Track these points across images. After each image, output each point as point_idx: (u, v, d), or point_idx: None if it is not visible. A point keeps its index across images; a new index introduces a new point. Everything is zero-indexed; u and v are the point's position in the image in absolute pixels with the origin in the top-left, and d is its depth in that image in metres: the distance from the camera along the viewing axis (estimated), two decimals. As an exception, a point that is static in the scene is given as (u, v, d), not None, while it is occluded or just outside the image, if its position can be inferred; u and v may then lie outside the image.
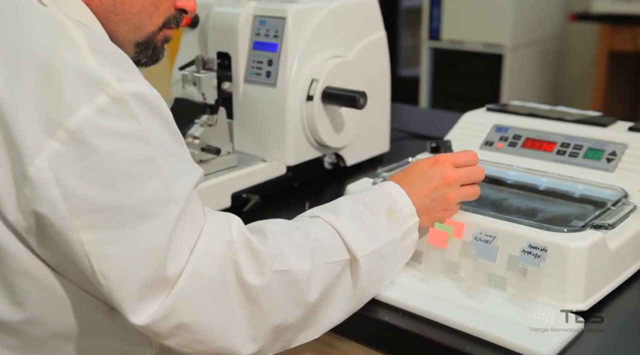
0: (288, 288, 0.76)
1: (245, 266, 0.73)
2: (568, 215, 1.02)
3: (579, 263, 0.86)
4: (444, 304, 0.88)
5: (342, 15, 1.32)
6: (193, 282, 0.69)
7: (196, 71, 1.26)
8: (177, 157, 0.71)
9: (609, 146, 1.12)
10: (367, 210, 0.87)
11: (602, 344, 0.83)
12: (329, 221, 0.83)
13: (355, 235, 0.83)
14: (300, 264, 0.77)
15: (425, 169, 0.93)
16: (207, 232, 0.72)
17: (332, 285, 0.80)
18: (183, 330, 0.70)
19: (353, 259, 0.82)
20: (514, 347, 0.79)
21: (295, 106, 1.25)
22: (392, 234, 0.87)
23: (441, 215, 0.92)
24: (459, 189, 0.93)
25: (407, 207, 0.89)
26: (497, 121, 1.26)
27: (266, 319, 0.75)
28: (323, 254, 0.80)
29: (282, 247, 0.77)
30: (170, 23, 0.86)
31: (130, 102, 0.67)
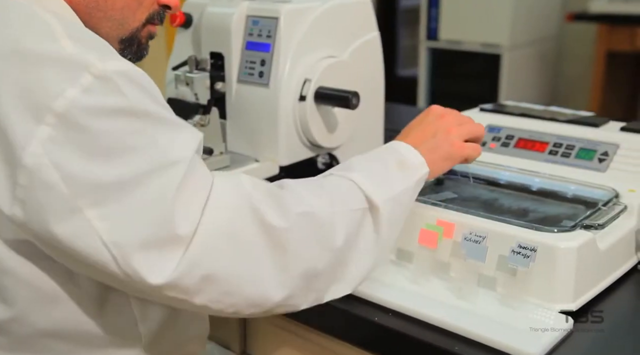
0: (314, 231, 0.77)
1: (268, 210, 0.73)
2: (559, 215, 1.02)
3: (569, 263, 0.86)
4: (434, 304, 0.88)
5: (336, 15, 1.32)
6: (212, 233, 0.70)
7: (189, 71, 1.26)
8: (169, 124, 0.72)
9: (601, 146, 1.12)
10: (379, 163, 0.88)
11: (591, 344, 0.83)
12: (343, 175, 0.85)
13: (372, 183, 0.84)
14: (322, 208, 0.78)
15: (421, 118, 0.97)
16: (218, 187, 0.72)
17: (355, 232, 0.81)
18: (210, 282, 0.70)
19: (373, 207, 0.83)
20: (502, 347, 0.79)
21: (288, 106, 1.25)
22: (405, 182, 0.88)
23: (449, 148, 0.93)
24: (459, 127, 0.95)
25: (416, 157, 0.90)
26: (490, 121, 1.26)
27: (294, 262, 0.75)
28: (343, 202, 0.81)
29: (302, 193, 0.79)
30: (154, 19, 0.86)
31: (116, 79, 0.68)
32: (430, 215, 0.96)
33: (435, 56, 4.16)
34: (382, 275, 0.95)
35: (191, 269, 0.69)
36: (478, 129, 0.98)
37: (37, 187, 0.66)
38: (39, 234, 0.68)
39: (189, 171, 0.70)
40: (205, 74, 1.26)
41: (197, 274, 0.69)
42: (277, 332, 1.04)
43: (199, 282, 0.70)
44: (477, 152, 0.97)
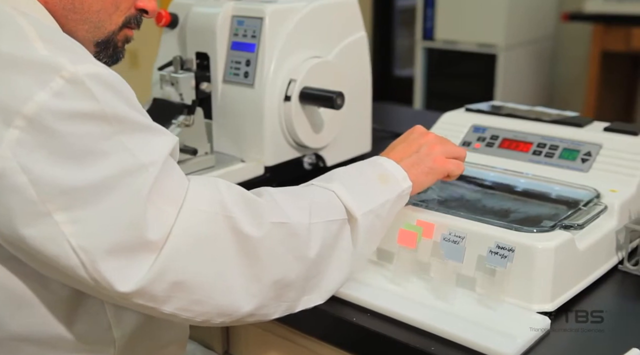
0: (287, 241, 0.77)
1: (242, 218, 0.73)
2: (540, 215, 1.02)
3: (546, 263, 0.86)
4: (413, 304, 0.88)
5: (322, 15, 1.32)
6: (183, 240, 0.70)
7: (174, 71, 1.27)
8: (142, 128, 0.71)
9: (584, 146, 1.12)
10: (360, 175, 0.89)
11: (567, 345, 0.83)
12: (324, 185, 0.86)
13: (351, 195, 0.85)
14: (298, 218, 0.78)
15: (405, 137, 0.98)
16: (193, 193, 0.72)
17: (331, 244, 0.81)
18: (179, 290, 0.70)
19: (351, 219, 0.84)
20: (478, 348, 0.79)
21: (273, 107, 1.25)
22: (386, 196, 0.88)
23: (432, 163, 0.94)
24: (442, 145, 0.96)
25: (398, 172, 0.91)
26: (476, 121, 1.26)
27: (266, 272, 0.75)
28: (321, 212, 0.81)
29: (279, 202, 0.78)
30: (131, 23, 0.86)
31: (87, 83, 0.67)
32: (411, 215, 0.96)
33: (432, 56, 4.16)
34: (362, 275, 0.95)
35: (161, 276, 0.69)
36: (461, 151, 0.99)
37: (5, 191, 0.66)
38: (8, 238, 0.68)
39: (161, 175, 0.70)
40: (191, 74, 1.27)
41: (166, 281, 0.69)
42: (259, 333, 1.04)
43: (168, 290, 0.69)
44: (459, 168, 0.97)
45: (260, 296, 0.76)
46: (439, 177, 0.96)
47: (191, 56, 1.30)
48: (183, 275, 0.70)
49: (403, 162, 0.93)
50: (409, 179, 0.91)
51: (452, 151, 0.97)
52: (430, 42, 4.08)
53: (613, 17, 3.44)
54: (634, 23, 3.37)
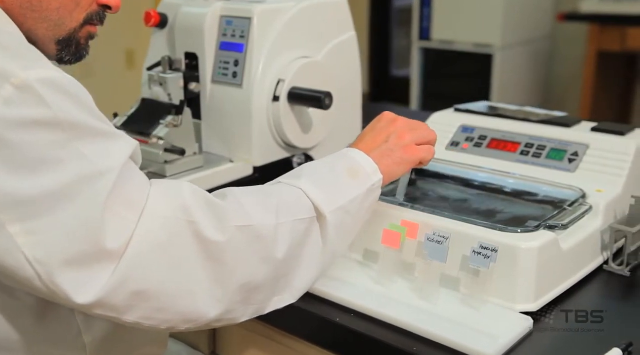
0: (253, 244, 0.75)
1: (204, 223, 0.72)
2: (526, 216, 1.02)
3: (530, 264, 0.86)
4: (396, 304, 0.88)
5: (311, 15, 1.32)
6: (144, 248, 0.68)
7: (162, 72, 1.27)
8: (98, 134, 0.69)
9: (571, 147, 1.12)
10: (330, 171, 0.87)
11: (549, 345, 0.83)
12: (292, 183, 0.84)
13: (320, 192, 0.83)
14: (264, 219, 0.77)
15: (373, 125, 0.96)
16: (154, 198, 0.71)
17: (300, 243, 0.80)
18: (141, 299, 0.69)
19: (320, 216, 0.82)
20: (459, 348, 0.79)
21: (262, 107, 1.25)
22: (356, 191, 0.86)
23: (402, 153, 0.92)
24: (412, 131, 0.94)
25: (368, 164, 0.89)
26: (464, 122, 1.26)
27: (231, 277, 0.73)
28: (288, 211, 0.79)
29: (244, 204, 0.77)
30: (93, 19, 0.84)
31: (38, 89, 0.66)
32: (395, 216, 0.96)
33: (428, 56, 4.16)
34: (347, 275, 0.95)
35: (121, 286, 0.67)
36: (430, 134, 0.96)
37: None
38: None
39: (120, 181, 0.68)
40: (179, 74, 1.27)
41: (127, 291, 0.68)
42: (246, 333, 1.04)
43: (128, 299, 0.68)
44: (431, 154, 0.95)
45: (227, 301, 0.74)
46: (411, 167, 0.94)
47: (180, 56, 1.31)
48: (144, 284, 0.68)
49: (373, 153, 0.91)
50: (380, 171, 0.89)
51: (422, 136, 0.95)
52: (427, 42, 4.08)
53: (609, 17, 3.44)
54: (629, 23, 3.38)
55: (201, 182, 1.21)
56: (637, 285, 0.95)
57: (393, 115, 0.97)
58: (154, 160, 1.20)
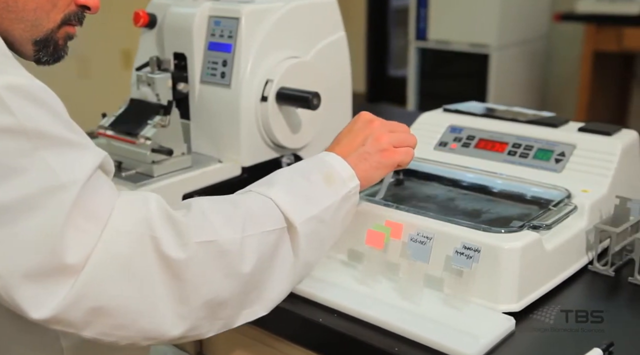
0: (216, 260, 0.72)
1: (166, 239, 0.69)
2: (511, 216, 1.02)
3: (512, 264, 0.86)
4: (379, 305, 0.88)
5: (300, 16, 1.32)
6: (104, 263, 0.66)
7: (151, 72, 1.27)
8: (65, 144, 0.68)
9: (558, 147, 1.12)
10: (303, 178, 0.84)
11: (531, 345, 0.83)
12: (263, 192, 0.81)
13: (292, 201, 0.80)
14: (229, 233, 0.74)
15: (350, 127, 0.94)
16: (119, 211, 0.69)
17: (269, 255, 0.77)
18: (99, 315, 0.67)
19: (290, 227, 0.80)
20: (440, 348, 0.79)
21: (250, 107, 1.25)
22: (331, 198, 0.84)
23: (380, 157, 0.90)
24: (390, 133, 0.92)
25: (344, 170, 0.87)
26: (453, 122, 1.26)
27: (194, 294, 0.71)
28: (256, 223, 0.77)
29: (208, 217, 0.74)
30: (71, 20, 0.83)
31: (4, 96, 0.64)
32: (380, 216, 0.96)
33: (425, 56, 4.16)
34: (331, 276, 0.95)
35: (78, 302, 0.65)
36: (409, 137, 0.94)
37: None
38: None
39: (84, 194, 0.66)
40: (167, 74, 1.27)
41: (84, 307, 0.66)
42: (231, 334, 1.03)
43: (86, 315, 0.66)
44: (409, 156, 0.93)
45: (191, 318, 0.72)
46: (389, 170, 0.92)
47: (169, 56, 1.30)
48: (103, 300, 0.66)
49: (350, 157, 0.89)
50: (357, 176, 0.87)
51: (400, 139, 0.93)
52: (423, 42, 4.09)
53: (605, 17, 3.44)
54: (625, 23, 3.38)
55: (189, 182, 1.22)
56: (621, 285, 0.95)
57: (370, 116, 0.94)
58: (142, 160, 1.20)
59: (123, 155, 1.23)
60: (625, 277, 0.95)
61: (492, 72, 3.84)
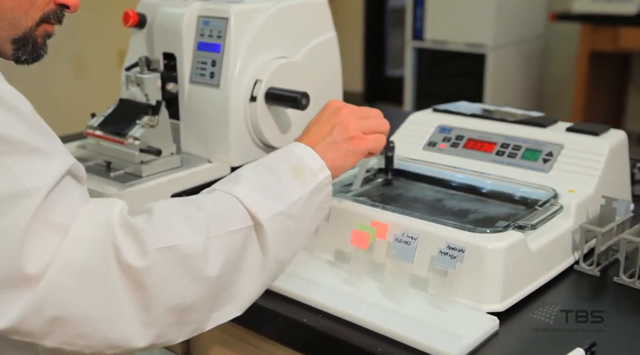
0: (178, 265, 0.70)
1: (126, 247, 0.68)
2: (498, 216, 1.02)
3: (496, 264, 0.86)
4: (364, 305, 0.88)
5: (289, 16, 1.32)
6: (65, 271, 0.65)
7: (140, 72, 1.27)
8: (31, 150, 0.66)
9: (546, 147, 1.12)
10: (270, 172, 0.82)
11: (515, 345, 0.83)
12: (228, 190, 0.78)
13: (258, 198, 0.78)
14: (191, 237, 0.72)
15: (319, 116, 0.92)
16: (82, 219, 0.67)
17: (236, 256, 0.75)
18: (60, 325, 0.66)
19: (257, 225, 0.77)
20: (423, 348, 0.79)
21: (239, 107, 1.25)
22: (299, 192, 0.81)
23: (348, 145, 0.88)
24: (359, 120, 0.89)
25: (314, 161, 0.85)
26: (442, 122, 1.26)
27: (158, 301, 0.69)
28: (221, 223, 0.75)
29: (170, 221, 0.72)
30: (50, 18, 0.83)
31: None
32: (366, 216, 0.96)
33: (422, 56, 4.16)
34: (317, 276, 0.95)
35: (38, 312, 0.64)
36: (381, 124, 0.92)
37: None
38: None
39: (47, 202, 0.65)
40: (156, 74, 1.27)
41: (44, 317, 0.65)
42: (219, 334, 1.04)
43: (46, 325, 0.65)
44: (380, 143, 0.91)
45: (157, 325, 0.70)
46: (359, 158, 0.89)
47: (158, 56, 1.31)
48: (63, 309, 0.65)
49: (318, 146, 0.86)
50: (327, 166, 0.85)
51: (370, 126, 0.90)
52: (420, 42, 4.09)
53: (601, 17, 3.44)
54: (621, 23, 3.38)
55: (178, 182, 1.22)
56: (606, 285, 0.95)
57: (339, 104, 0.92)
58: (130, 160, 1.20)
59: (112, 156, 1.23)
60: (611, 277, 0.95)
61: (489, 72, 3.85)
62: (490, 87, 3.87)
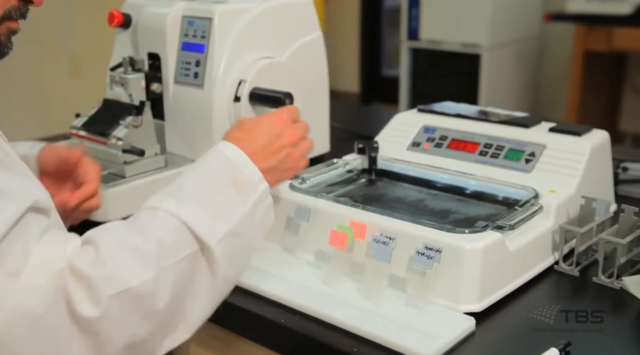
0: (130, 307, 0.69)
1: (78, 297, 0.66)
2: (479, 216, 1.02)
3: (474, 264, 0.86)
4: (341, 305, 0.88)
5: (274, 16, 1.32)
6: (15, 319, 0.63)
7: (124, 72, 1.26)
8: None
9: (528, 147, 1.12)
10: (213, 186, 0.81)
11: (491, 345, 0.82)
12: (171, 211, 0.76)
13: (204, 220, 0.76)
14: (142, 275, 0.69)
15: (269, 127, 0.91)
16: (36, 261, 0.66)
17: (186, 282, 0.74)
18: None
19: (205, 248, 0.76)
20: (398, 348, 0.79)
21: (223, 107, 1.25)
22: (242, 208, 0.81)
23: (287, 174, 0.92)
24: (300, 146, 0.93)
25: (253, 174, 0.84)
26: (426, 122, 1.26)
27: (111, 344, 0.68)
28: (169, 253, 0.73)
29: (119, 261, 0.69)
30: (12, 15, 0.79)
31: None
32: (345, 216, 0.96)
33: (417, 56, 4.16)
34: (297, 276, 0.95)
35: None
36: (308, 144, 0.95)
37: None
38: None
39: (0, 247, 0.63)
40: (140, 74, 1.26)
41: None
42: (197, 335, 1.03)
43: None
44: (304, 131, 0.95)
45: None
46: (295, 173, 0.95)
47: (143, 57, 1.30)
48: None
49: (261, 164, 0.86)
50: (264, 179, 0.85)
51: (308, 147, 0.95)
52: (415, 42, 4.09)
53: (595, 17, 3.44)
54: (615, 23, 3.38)
55: (162, 182, 1.20)
56: (586, 285, 0.95)
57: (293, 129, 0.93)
58: (114, 161, 1.20)
59: (95, 156, 1.22)
60: (590, 277, 0.95)
61: (484, 72, 3.85)
62: (485, 87, 3.87)
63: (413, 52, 4.16)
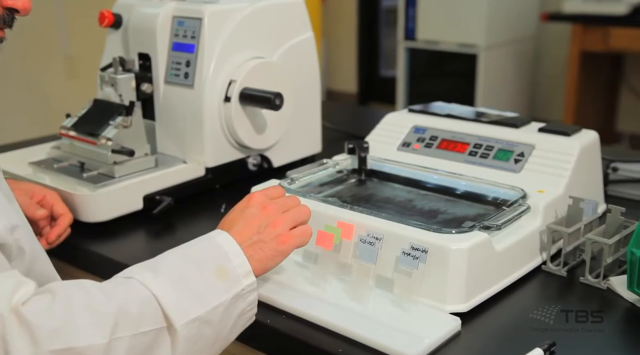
0: None
1: (17, 346, 0.61)
2: (467, 216, 1.02)
3: (460, 264, 0.86)
4: (327, 306, 0.88)
5: (265, 16, 1.32)
6: None
7: (114, 72, 1.26)
8: None
9: (518, 147, 1.12)
10: (195, 267, 0.76)
11: (477, 345, 0.82)
12: (146, 283, 0.72)
13: (177, 299, 0.72)
14: (92, 337, 0.64)
15: (241, 209, 0.87)
16: None
17: None
18: None
19: (170, 327, 0.71)
20: (383, 349, 0.79)
21: (213, 107, 1.25)
22: (221, 297, 0.76)
23: (276, 245, 0.84)
24: (284, 216, 0.86)
25: (241, 265, 0.79)
26: (417, 122, 1.26)
27: None
28: (130, 323, 0.68)
29: (72, 314, 0.65)
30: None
31: None
32: (332, 216, 0.96)
33: (414, 56, 4.17)
34: (284, 277, 0.95)
35: None
36: (303, 212, 0.89)
37: None
38: None
39: None
40: (130, 75, 1.26)
41: None
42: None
43: None
44: (306, 236, 0.87)
45: None
46: (286, 256, 0.85)
47: (134, 57, 1.30)
48: None
49: (244, 245, 0.81)
50: (253, 271, 0.80)
51: (295, 218, 0.87)
52: (412, 42, 4.09)
53: (591, 17, 3.45)
54: (612, 23, 3.38)
55: (152, 183, 1.21)
56: (573, 286, 0.95)
57: (263, 200, 0.88)
58: (103, 161, 1.20)
59: (85, 156, 1.23)
60: (578, 277, 0.95)
61: (481, 72, 3.85)
62: (482, 87, 3.87)
63: (410, 53, 4.17)
